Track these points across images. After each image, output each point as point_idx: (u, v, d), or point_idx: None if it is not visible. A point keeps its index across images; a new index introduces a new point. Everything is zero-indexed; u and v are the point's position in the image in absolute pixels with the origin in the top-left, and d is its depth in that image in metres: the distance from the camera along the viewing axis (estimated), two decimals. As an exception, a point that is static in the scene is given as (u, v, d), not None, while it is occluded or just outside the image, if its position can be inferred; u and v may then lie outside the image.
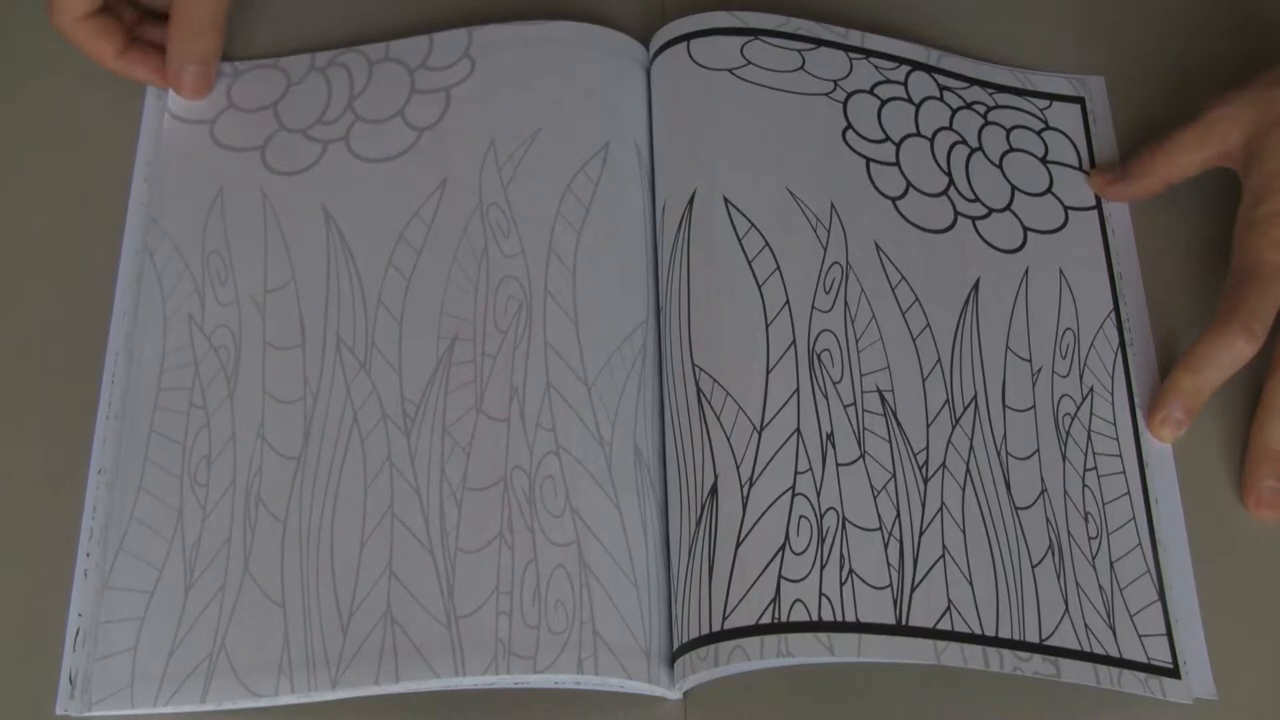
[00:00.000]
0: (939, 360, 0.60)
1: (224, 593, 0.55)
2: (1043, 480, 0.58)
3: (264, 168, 0.64)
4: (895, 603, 0.54)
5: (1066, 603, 0.56)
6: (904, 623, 0.53)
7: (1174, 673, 0.55)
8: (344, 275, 0.61)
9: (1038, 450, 0.59)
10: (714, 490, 0.55)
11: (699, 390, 0.57)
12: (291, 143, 0.65)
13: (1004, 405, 0.59)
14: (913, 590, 0.54)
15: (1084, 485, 0.58)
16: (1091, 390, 0.61)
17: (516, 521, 0.56)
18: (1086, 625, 0.55)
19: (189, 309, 0.61)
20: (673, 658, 0.54)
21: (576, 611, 0.54)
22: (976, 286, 0.62)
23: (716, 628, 0.53)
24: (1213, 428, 0.61)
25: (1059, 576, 0.56)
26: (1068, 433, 0.59)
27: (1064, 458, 0.59)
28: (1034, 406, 0.60)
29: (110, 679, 0.54)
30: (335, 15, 0.70)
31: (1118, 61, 0.69)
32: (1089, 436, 0.59)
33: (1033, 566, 0.56)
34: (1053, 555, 0.56)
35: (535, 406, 0.58)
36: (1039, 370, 0.60)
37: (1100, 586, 0.56)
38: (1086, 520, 0.58)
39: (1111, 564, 0.57)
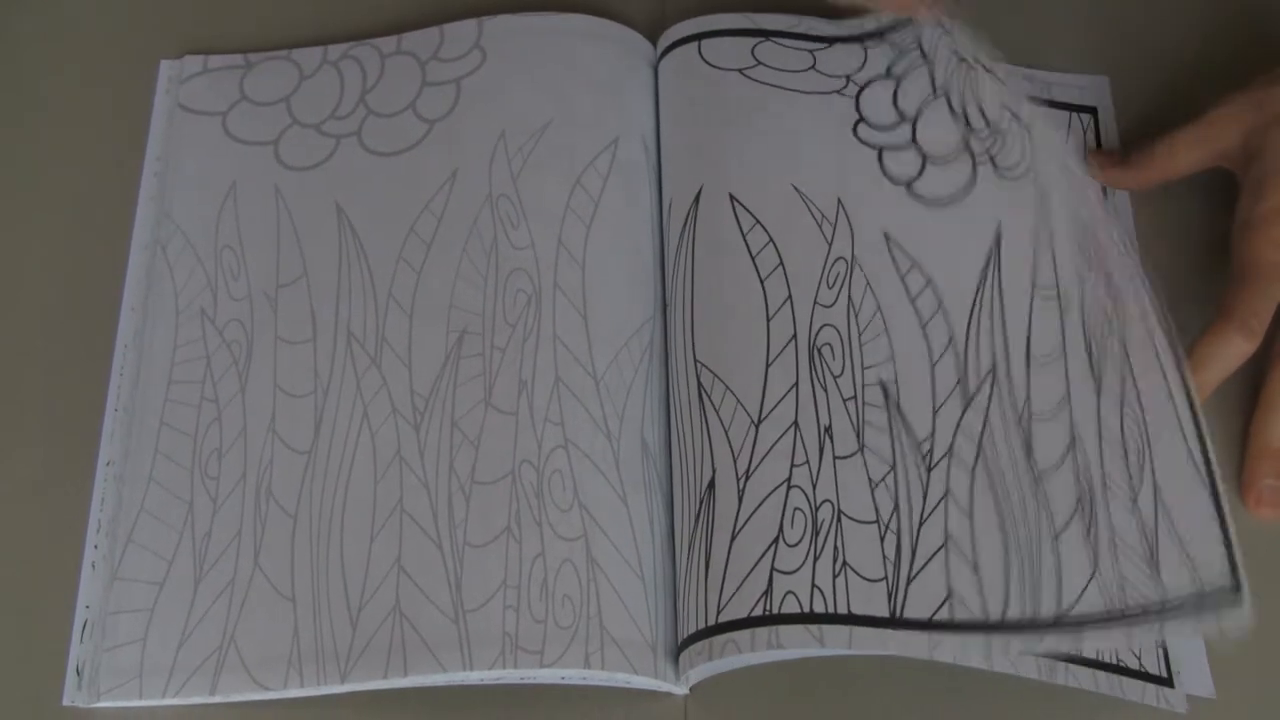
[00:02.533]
0: (951, 339, 0.59)
1: (234, 586, 0.55)
2: (1073, 425, 0.57)
3: (277, 163, 0.64)
4: (890, 595, 0.53)
5: (1097, 562, 0.55)
6: (898, 615, 0.53)
7: (1237, 589, 0.54)
8: (355, 269, 0.61)
9: (1068, 392, 0.58)
10: (712, 484, 0.55)
11: (699, 385, 0.57)
12: (304, 138, 0.65)
13: (1027, 361, 0.59)
14: (909, 583, 0.54)
15: (1122, 407, 0.58)
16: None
17: (524, 515, 0.56)
18: (1122, 578, 0.54)
19: (201, 303, 0.61)
20: (677, 652, 0.54)
21: (584, 606, 0.54)
22: (999, 236, 0.61)
23: (713, 621, 0.53)
24: (1212, 426, 0.61)
25: (1089, 532, 0.55)
26: (1102, 350, 0.59)
27: (1098, 386, 0.58)
28: (1063, 342, 0.59)
29: (118, 670, 0.54)
30: (347, 5, 0.70)
31: (1122, 61, 0.69)
32: (1124, 348, 0.59)
33: (1054, 536, 0.55)
34: (1082, 513, 0.56)
35: (544, 400, 0.58)
36: (1068, 299, 0.60)
37: (1143, 525, 0.55)
38: (1126, 457, 0.57)
39: (1156, 488, 0.56)
